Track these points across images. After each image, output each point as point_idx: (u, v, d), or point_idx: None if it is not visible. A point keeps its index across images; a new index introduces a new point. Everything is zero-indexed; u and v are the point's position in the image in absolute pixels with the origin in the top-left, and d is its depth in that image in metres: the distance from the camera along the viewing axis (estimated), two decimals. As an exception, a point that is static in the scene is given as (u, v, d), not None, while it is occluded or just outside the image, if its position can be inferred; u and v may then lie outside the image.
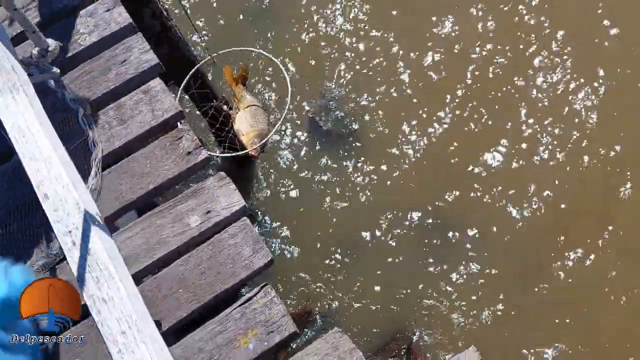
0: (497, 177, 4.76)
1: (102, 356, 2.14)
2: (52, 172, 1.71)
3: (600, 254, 4.43)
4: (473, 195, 4.73)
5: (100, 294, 1.58)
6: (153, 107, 2.49)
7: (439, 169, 4.83)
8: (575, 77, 4.88)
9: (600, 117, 4.75)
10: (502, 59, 5.02)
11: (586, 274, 4.40)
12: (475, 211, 4.68)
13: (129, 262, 2.22)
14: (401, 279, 4.58)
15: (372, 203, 4.79)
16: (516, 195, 4.68)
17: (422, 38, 5.13)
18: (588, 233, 4.50)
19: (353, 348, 2.15)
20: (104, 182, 2.39)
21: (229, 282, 2.26)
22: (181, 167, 2.41)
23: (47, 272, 2.25)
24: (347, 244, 4.72)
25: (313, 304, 4.59)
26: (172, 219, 2.34)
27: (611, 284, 4.34)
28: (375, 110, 5.05)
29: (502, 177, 4.74)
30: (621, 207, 4.54)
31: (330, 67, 5.21)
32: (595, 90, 4.83)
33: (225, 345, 2.16)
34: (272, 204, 4.88)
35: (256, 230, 2.39)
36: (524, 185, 4.68)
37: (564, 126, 4.77)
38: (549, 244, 4.53)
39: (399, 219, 4.73)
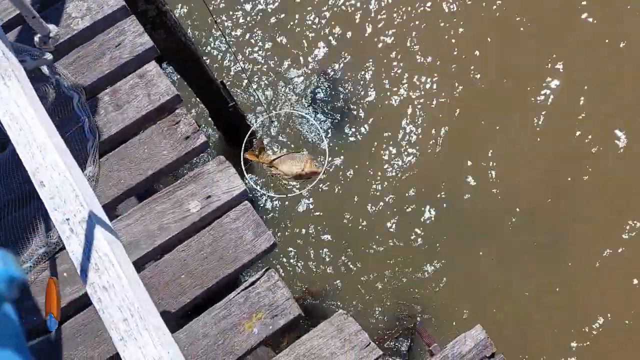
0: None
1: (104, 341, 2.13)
2: (47, 159, 1.67)
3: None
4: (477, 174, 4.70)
5: (100, 281, 1.55)
6: (149, 92, 2.44)
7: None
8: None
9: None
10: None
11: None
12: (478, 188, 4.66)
13: (129, 249, 2.20)
14: (406, 261, 4.57)
15: (376, 184, 4.77)
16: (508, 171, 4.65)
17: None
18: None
19: (359, 330, 2.13)
20: (101, 169, 2.35)
21: (232, 266, 2.23)
22: (180, 152, 2.37)
23: (47, 261, 2.23)
24: (350, 228, 4.70)
25: (316, 287, 4.58)
26: (172, 205, 2.30)
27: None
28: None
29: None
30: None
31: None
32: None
33: (229, 330, 2.14)
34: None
35: (257, 214, 2.36)
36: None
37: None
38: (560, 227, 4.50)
39: (404, 201, 4.71)
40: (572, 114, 4.70)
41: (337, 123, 4.97)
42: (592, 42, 4.84)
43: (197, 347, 2.14)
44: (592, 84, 4.73)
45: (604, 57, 4.77)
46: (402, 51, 5.10)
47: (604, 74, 4.75)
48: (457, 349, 2.36)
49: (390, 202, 4.69)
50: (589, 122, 4.64)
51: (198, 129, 2.39)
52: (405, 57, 5.08)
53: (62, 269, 2.22)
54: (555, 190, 4.56)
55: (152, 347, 1.46)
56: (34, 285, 2.19)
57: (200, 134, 2.38)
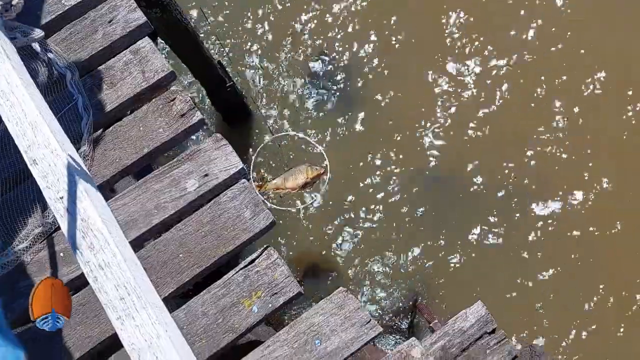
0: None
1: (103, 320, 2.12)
2: (39, 136, 1.64)
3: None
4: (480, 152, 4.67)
5: (96, 260, 1.52)
6: (143, 68, 2.39)
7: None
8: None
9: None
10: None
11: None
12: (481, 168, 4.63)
13: (126, 228, 2.18)
14: (406, 238, 4.56)
15: (374, 161, 4.74)
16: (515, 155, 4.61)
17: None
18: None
19: (359, 307, 2.11)
20: (96, 148, 2.31)
21: (230, 245, 2.21)
22: (176, 130, 2.33)
23: (44, 241, 2.20)
24: (349, 205, 4.68)
25: (316, 265, 4.58)
26: (168, 184, 2.27)
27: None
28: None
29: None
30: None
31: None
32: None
33: (229, 309, 2.13)
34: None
35: (256, 192, 2.33)
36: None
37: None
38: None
39: (404, 177, 4.68)
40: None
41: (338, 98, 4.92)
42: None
43: (197, 326, 2.13)
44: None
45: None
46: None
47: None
48: (458, 325, 2.35)
49: (390, 181, 4.67)
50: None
51: (194, 106, 2.35)
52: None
53: (59, 248, 2.20)
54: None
55: (150, 325, 1.45)
56: (30, 265, 2.17)
57: (196, 111, 2.33)
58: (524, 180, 4.55)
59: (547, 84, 4.70)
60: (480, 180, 4.59)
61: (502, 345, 2.32)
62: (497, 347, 2.32)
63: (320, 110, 4.92)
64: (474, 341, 2.33)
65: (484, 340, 2.33)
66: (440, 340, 2.34)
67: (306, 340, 2.07)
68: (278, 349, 2.08)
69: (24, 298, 2.12)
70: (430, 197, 4.62)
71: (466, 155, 4.66)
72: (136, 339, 1.43)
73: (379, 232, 4.60)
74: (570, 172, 4.51)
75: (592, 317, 4.21)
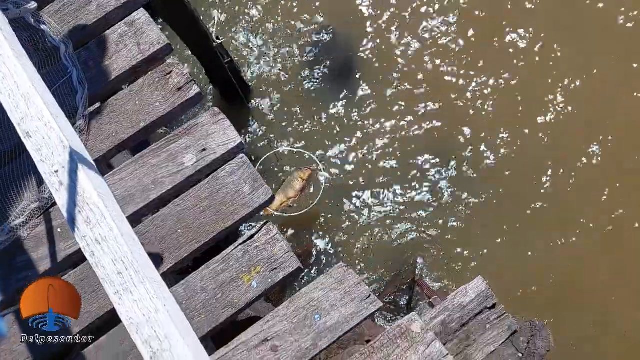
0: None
1: (102, 296, 2.11)
2: (32, 108, 1.60)
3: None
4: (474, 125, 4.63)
5: (92, 234, 1.50)
6: (139, 41, 2.34)
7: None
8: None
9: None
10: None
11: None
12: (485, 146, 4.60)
13: (123, 204, 2.15)
14: (405, 214, 4.55)
15: (368, 134, 4.71)
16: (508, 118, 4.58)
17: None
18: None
19: (359, 282, 2.10)
20: (91, 123, 2.28)
21: (229, 220, 2.19)
22: (172, 104, 2.29)
23: (40, 217, 2.18)
24: (351, 185, 4.66)
25: (314, 242, 4.57)
26: (166, 158, 2.24)
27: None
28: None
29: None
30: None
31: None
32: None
33: (228, 284, 2.12)
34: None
35: (254, 167, 2.30)
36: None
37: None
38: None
39: (401, 151, 4.65)
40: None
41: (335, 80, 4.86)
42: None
43: (196, 301, 2.11)
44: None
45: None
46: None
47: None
48: (458, 300, 2.35)
49: (391, 153, 4.64)
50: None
51: (191, 80, 2.30)
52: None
53: (57, 224, 2.18)
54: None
55: (148, 300, 1.43)
56: (27, 240, 2.15)
57: (193, 85, 2.29)
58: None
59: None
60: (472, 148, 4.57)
61: (502, 320, 2.32)
62: (497, 322, 2.32)
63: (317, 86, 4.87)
64: (474, 316, 2.34)
65: (484, 315, 2.33)
66: (440, 315, 2.34)
67: (306, 315, 2.07)
68: (278, 324, 2.07)
69: (22, 273, 2.11)
70: (435, 174, 4.60)
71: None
72: (134, 313, 1.42)
73: (378, 207, 4.59)
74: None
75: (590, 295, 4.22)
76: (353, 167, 4.66)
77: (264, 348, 2.04)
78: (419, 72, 4.77)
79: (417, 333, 2.03)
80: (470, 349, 2.30)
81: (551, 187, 4.45)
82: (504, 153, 4.55)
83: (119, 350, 2.08)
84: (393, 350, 2.02)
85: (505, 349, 2.32)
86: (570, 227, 4.35)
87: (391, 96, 4.76)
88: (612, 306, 4.18)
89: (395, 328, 2.06)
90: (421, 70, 4.78)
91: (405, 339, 2.03)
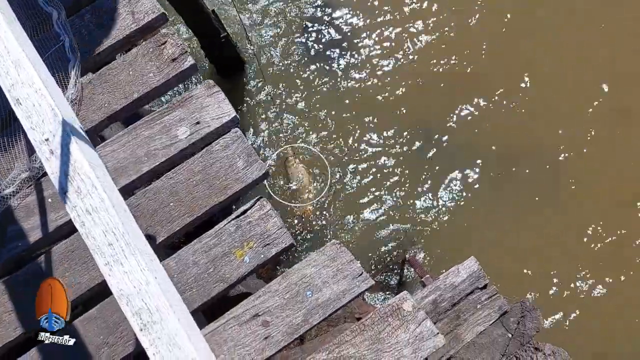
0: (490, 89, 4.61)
1: (92, 267, 2.10)
2: (22, 74, 1.56)
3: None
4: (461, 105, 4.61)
5: (83, 205, 1.48)
6: (133, 9, 2.29)
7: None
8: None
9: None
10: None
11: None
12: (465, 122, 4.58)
13: (115, 175, 2.13)
14: (397, 194, 4.54)
15: (359, 115, 4.68)
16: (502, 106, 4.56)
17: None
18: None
19: (351, 259, 2.10)
20: (84, 92, 2.23)
21: (222, 195, 2.17)
22: (167, 75, 2.25)
23: (31, 186, 2.15)
24: (342, 162, 4.64)
25: (307, 220, 4.57)
26: (159, 130, 2.21)
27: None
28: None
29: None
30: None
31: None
32: None
33: (220, 258, 2.11)
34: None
35: (249, 142, 2.27)
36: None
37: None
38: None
39: (392, 132, 4.63)
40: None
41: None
42: None
43: (187, 275, 2.10)
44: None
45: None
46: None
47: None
48: (449, 280, 2.35)
49: (382, 133, 4.62)
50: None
51: (186, 51, 2.26)
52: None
53: (48, 194, 2.15)
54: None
55: (139, 272, 1.42)
56: (17, 210, 2.13)
57: (188, 56, 2.25)
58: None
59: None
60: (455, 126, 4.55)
61: (493, 300, 2.33)
62: (488, 302, 2.33)
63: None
64: (465, 296, 2.34)
65: (475, 295, 2.34)
66: (431, 294, 2.34)
67: (297, 292, 2.06)
68: (269, 299, 2.07)
69: (12, 242, 2.09)
70: (426, 152, 4.58)
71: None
72: (125, 285, 1.40)
73: (370, 187, 4.58)
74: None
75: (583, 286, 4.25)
76: (343, 148, 4.64)
77: (255, 323, 2.04)
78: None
79: (408, 312, 2.03)
80: (460, 328, 2.31)
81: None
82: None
83: (109, 321, 2.08)
84: (384, 328, 2.02)
85: (495, 329, 2.34)
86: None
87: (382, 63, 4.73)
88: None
89: (386, 306, 2.06)
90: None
91: (396, 317, 2.03)
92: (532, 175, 4.46)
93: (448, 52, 4.75)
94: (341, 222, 4.52)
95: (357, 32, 4.87)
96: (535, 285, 4.24)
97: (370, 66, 4.78)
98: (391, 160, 4.58)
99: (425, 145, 4.57)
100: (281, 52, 4.91)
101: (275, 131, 4.70)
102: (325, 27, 4.91)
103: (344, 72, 4.79)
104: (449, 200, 4.48)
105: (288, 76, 4.84)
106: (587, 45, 4.66)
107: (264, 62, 4.90)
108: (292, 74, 4.84)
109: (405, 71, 4.73)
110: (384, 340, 2.00)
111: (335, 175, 4.57)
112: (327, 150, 4.61)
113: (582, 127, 4.53)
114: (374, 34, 4.85)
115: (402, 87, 4.69)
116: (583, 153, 4.47)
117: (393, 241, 4.44)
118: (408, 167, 4.55)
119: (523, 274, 4.28)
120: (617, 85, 4.58)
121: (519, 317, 2.39)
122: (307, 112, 4.73)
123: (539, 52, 4.68)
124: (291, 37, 4.93)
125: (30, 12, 2.27)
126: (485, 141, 4.53)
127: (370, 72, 4.77)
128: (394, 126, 4.63)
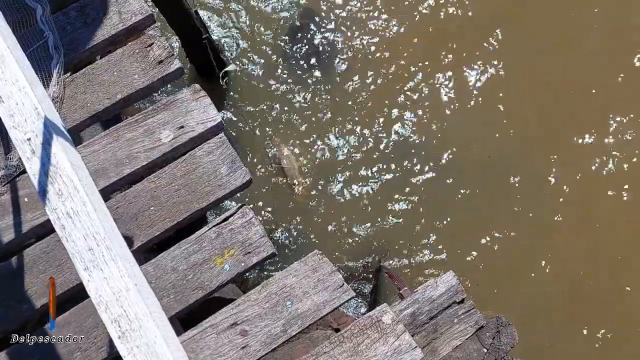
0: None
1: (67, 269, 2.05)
2: (6, 72, 1.52)
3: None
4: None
5: (64, 207, 1.44)
6: (120, 9, 2.26)
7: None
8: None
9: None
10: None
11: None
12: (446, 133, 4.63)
13: (95, 177, 2.08)
14: (374, 204, 4.56)
15: (342, 121, 4.70)
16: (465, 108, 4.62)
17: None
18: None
19: (333, 271, 2.09)
20: (66, 91, 2.19)
21: (204, 201, 2.15)
22: (152, 77, 2.22)
23: (7, 185, 2.10)
24: (318, 170, 4.64)
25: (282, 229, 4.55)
26: (142, 133, 2.18)
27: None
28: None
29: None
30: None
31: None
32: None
33: (199, 265, 2.08)
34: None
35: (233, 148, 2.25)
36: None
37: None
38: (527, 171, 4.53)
39: (372, 136, 4.65)
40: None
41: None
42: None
43: (165, 281, 2.07)
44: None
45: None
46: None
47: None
48: (428, 293, 2.37)
49: (365, 139, 4.63)
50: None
51: (172, 54, 2.24)
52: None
53: (24, 193, 2.10)
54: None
55: (119, 278, 1.39)
56: (-8, 208, 2.07)
57: (174, 59, 2.23)
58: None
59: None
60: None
61: (470, 315, 2.35)
62: (465, 316, 2.35)
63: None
64: (443, 310, 2.36)
65: (452, 309, 2.35)
66: (409, 307, 2.35)
67: (277, 301, 2.05)
68: (248, 308, 2.05)
69: (-16, 242, 2.03)
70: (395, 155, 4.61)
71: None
72: (104, 291, 1.37)
73: (349, 194, 4.59)
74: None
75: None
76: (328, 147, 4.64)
77: (233, 332, 2.01)
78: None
79: (387, 324, 2.03)
80: (437, 342, 2.32)
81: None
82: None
83: (84, 326, 2.03)
84: (362, 340, 2.02)
85: (471, 343, 2.35)
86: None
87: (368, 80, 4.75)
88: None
89: (366, 318, 2.06)
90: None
91: (375, 330, 2.03)
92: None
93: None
94: (322, 228, 4.51)
95: (338, 43, 4.88)
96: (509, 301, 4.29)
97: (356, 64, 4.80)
98: (370, 169, 4.59)
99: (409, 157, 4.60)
100: (261, 56, 4.89)
101: (259, 131, 4.67)
102: (309, 35, 4.91)
103: (328, 77, 4.79)
104: (424, 207, 4.50)
105: (267, 80, 4.82)
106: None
107: (245, 66, 4.88)
108: (271, 78, 4.82)
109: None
110: (362, 353, 1.99)
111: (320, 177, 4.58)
112: (310, 152, 4.61)
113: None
114: (357, 41, 4.87)
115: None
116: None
117: (367, 248, 4.45)
118: (386, 175, 4.57)
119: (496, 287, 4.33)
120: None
121: (494, 332, 2.42)
122: (285, 116, 4.72)
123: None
124: (273, 42, 4.92)
125: (14, 5, 2.22)
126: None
127: (353, 70, 4.78)
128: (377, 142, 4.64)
